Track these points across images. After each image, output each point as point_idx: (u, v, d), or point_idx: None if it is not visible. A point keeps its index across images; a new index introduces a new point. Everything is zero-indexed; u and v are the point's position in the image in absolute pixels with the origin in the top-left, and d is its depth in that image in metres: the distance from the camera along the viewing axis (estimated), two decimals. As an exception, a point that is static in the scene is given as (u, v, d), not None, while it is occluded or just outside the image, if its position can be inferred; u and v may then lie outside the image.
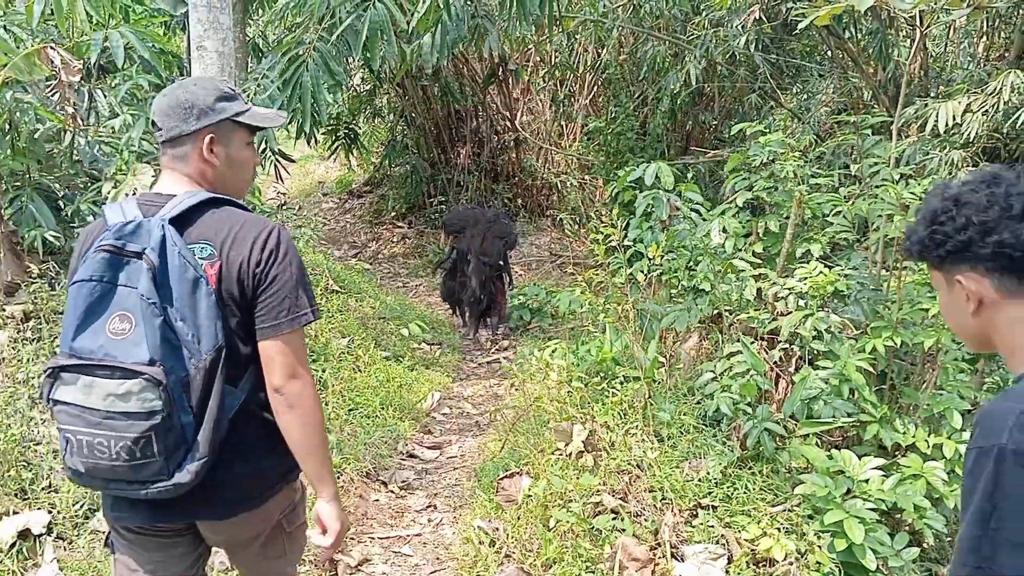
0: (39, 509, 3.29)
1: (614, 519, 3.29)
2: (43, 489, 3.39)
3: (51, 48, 4.22)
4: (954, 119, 5.33)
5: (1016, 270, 1.37)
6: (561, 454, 3.65)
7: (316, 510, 1.97)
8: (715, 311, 4.30)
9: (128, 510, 1.87)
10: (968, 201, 1.39)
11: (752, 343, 3.88)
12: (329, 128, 10.40)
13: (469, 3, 5.82)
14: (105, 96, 4.67)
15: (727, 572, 3.05)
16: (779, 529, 3.13)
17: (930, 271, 1.51)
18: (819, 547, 3.08)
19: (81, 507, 3.35)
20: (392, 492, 4.12)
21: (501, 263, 6.86)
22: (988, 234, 1.37)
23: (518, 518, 3.43)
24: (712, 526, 3.27)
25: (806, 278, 3.82)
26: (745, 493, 3.40)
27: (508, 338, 6.99)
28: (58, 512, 3.31)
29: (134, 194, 3.98)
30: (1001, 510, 1.25)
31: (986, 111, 5.39)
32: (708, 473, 3.41)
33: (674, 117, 9.36)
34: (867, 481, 3.20)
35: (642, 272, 4.66)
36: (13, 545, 3.13)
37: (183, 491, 1.76)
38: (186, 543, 1.96)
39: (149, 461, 1.71)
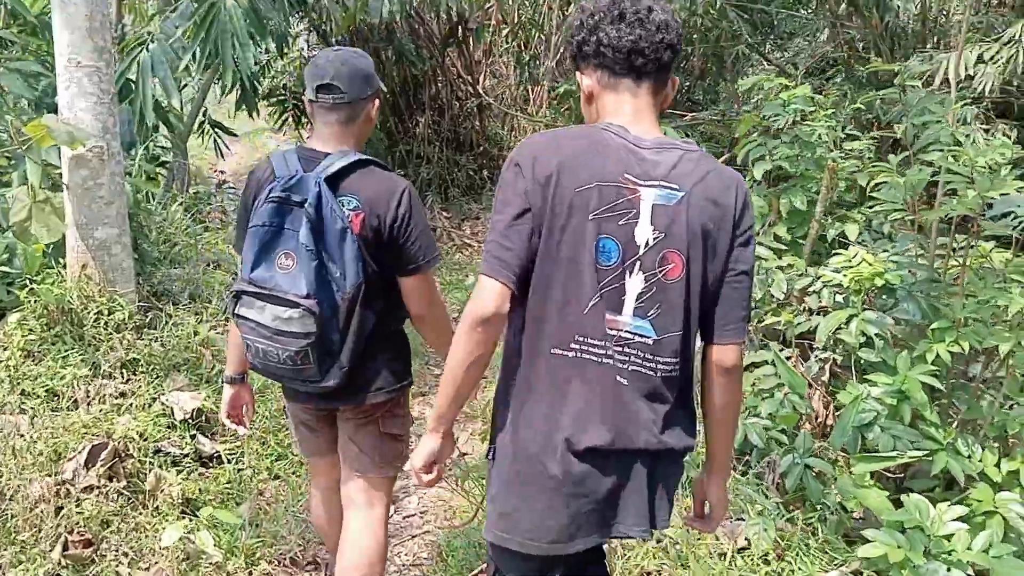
0: None
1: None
2: None
3: None
4: (966, 70, 4.92)
5: (608, 67, 1.69)
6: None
7: None
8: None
9: (292, 396, 2.44)
10: (588, 8, 1.72)
11: (781, 351, 3.13)
12: (276, 99, 9.61)
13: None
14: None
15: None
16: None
17: None
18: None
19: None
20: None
21: None
22: (593, 33, 1.69)
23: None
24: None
25: (844, 267, 3.07)
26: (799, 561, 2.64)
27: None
28: None
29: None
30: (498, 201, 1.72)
31: (996, 61, 5.04)
32: (749, 543, 2.61)
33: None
34: (949, 538, 2.47)
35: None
36: None
37: (329, 391, 2.24)
38: (326, 422, 2.49)
39: (306, 367, 2.17)
